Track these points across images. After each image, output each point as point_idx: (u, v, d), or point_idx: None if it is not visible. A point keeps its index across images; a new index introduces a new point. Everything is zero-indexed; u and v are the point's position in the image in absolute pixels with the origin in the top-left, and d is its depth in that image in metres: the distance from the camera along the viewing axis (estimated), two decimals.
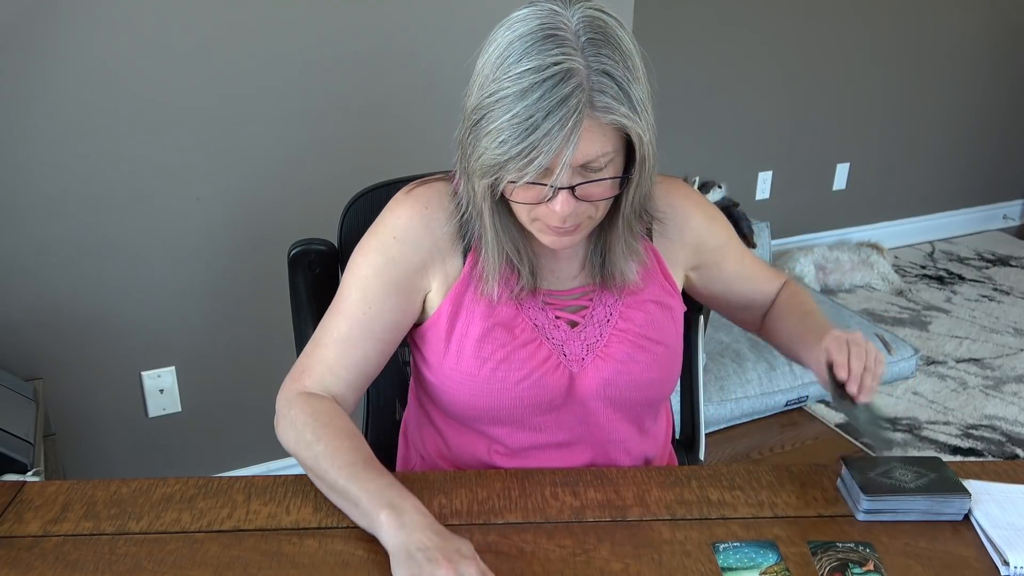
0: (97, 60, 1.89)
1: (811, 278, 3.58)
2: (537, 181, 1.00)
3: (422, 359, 1.20)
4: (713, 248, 1.28)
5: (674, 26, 3.32)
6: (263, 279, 2.16)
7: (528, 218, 1.08)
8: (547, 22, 0.98)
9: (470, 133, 1.02)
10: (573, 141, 0.96)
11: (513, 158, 0.97)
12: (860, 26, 3.68)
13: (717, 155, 3.58)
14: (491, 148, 0.99)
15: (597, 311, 1.18)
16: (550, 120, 0.95)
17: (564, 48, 0.96)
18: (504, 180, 1.01)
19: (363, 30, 2.12)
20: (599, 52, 0.97)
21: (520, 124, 0.96)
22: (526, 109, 0.95)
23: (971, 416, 2.82)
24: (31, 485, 1.12)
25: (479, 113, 1.00)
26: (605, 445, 1.21)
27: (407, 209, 1.15)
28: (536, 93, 0.95)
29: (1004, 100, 4.18)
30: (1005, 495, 1.10)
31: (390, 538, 0.95)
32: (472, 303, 1.15)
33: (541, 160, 0.97)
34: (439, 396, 1.19)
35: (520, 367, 1.14)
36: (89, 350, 2.09)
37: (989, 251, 4.17)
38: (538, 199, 1.03)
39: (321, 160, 2.18)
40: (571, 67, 0.95)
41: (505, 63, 0.97)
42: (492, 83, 0.98)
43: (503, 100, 0.97)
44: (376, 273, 1.14)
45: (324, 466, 1.03)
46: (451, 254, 1.15)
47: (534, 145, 0.96)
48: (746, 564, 0.99)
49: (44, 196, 1.94)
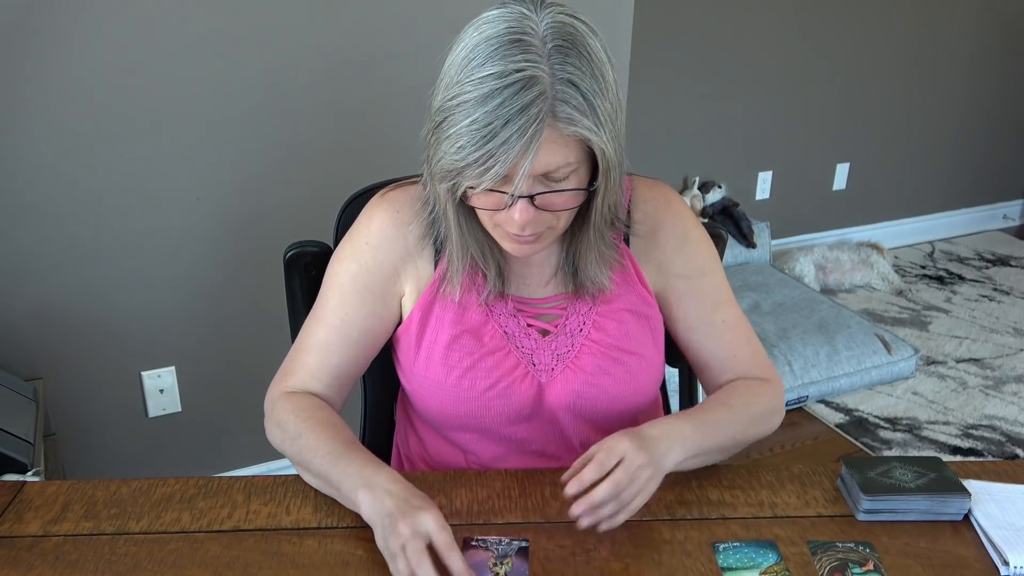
0: (99, 61, 1.89)
1: (811, 278, 3.58)
2: (496, 188, 0.97)
3: (398, 364, 1.20)
4: (677, 275, 1.17)
5: (674, 26, 3.32)
6: (263, 279, 2.16)
7: (490, 223, 1.06)
8: (515, 26, 0.95)
9: (432, 135, 0.99)
10: (532, 150, 0.93)
11: (470, 165, 0.95)
12: (860, 26, 3.68)
13: (717, 155, 3.58)
14: (449, 153, 0.96)
15: (570, 320, 1.15)
16: (509, 128, 0.92)
17: (529, 55, 0.93)
18: (462, 185, 0.99)
19: (359, 32, 2.12)
20: (565, 60, 0.94)
21: (479, 131, 0.93)
22: (486, 115, 0.93)
23: (971, 416, 2.82)
24: (31, 485, 1.12)
25: (441, 115, 0.97)
26: (576, 457, 1.19)
27: (379, 214, 1.15)
28: (497, 99, 0.92)
29: (1004, 100, 4.18)
30: (1005, 495, 1.09)
31: (368, 515, 0.97)
32: (442, 309, 1.14)
33: (498, 169, 0.94)
34: (414, 402, 1.19)
35: (486, 375, 1.12)
36: (89, 350, 2.09)
37: (989, 251, 4.17)
38: (498, 206, 1.00)
39: (318, 161, 2.18)
40: (534, 75, 0.92)
41: (469, 66, 0.95)
42: (455, 85, 0.96)
43: (464, 104, 0.94)
44: (351, 279, 1.14)
45: (308, 457, 1.06)
46: (422, 258, 1.15)
47: (491, 153, 0.93)
48: (746, 564, 0.99)
49: (44, 196, 1.94)
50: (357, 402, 1.41)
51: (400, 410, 1.32)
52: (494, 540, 1.00)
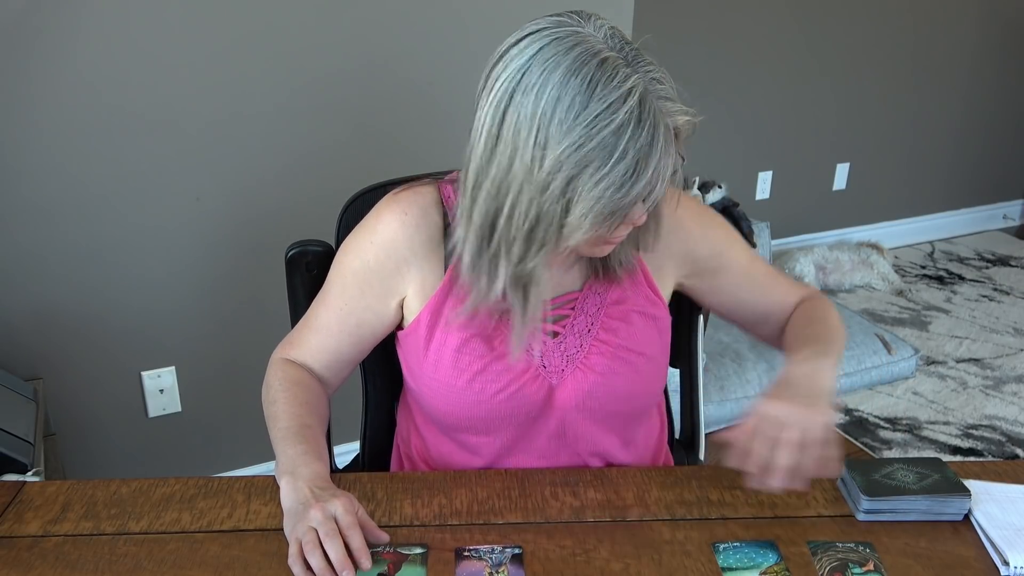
0: (100, 61, 1.89)
1: (811, 278, 3.58)
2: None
3: (404, 363, 1.21)
4: (707, 256, 1.23)
5: (674, 26, 3.32)
6: (264, 278, 2.16)
7: (592, 244, 1.05)
8: (584, 47, 0.94)
9: (561, 194, 0.96)
10: (675, 154, 0.97)
11: (639, 194, 0.96)
12: (860, 26, 3.68)
13: (717, 155, 3.58)
14: (607, 196, 0.95)
15: (578, 320, 1.16)
16: (655, 147, 0.94)
17: (621, 71, 0.94)
18: (616, 222, 0.99)
19: (361, 32, 2.12)
20: (640, 59, 0.96)
21: (632, 161, 0.94)
22: (628, 145, 0.93)
23: (971, 416, 2.82)
24: (31, 485, 1.12)
25: (572, 169, 0.94)
26: (584, 456, 1.20)
27: (387, 214, 1.15)
28: (631, 127, 0.93)
29: (1004, 100, 4.18)
30: (1005, 495, 1.09)
31: (283, 500, 1.01)
32: (451, 312, 1.14)
33: (662, 187, 0.97)
34: (420, 402, 1.20)
35: (497, 379, 1.13)
36: (89, 350, 2.09)
37: (989, 251, 4.16)
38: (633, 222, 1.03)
39: (319, 161, 2.18)
40: (637, 86, 0.94)
41: (573, 107, 0.93)
42: (571, 133, 0.93)
43: (600, 145, 0.93)
44: (352, 274, 1.17)
45: (270, 424, 1.12)
46: (429, 261, 1.14)
47: (655, 174, 0.96)
48: (746, 564, 0.99)
49: (45, 196, 1.94)
50: (358, 401, 1.42)
51: (402, 410, 1.32)
52: (486, 549, 1.00)
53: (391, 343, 1.23)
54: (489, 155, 0.99)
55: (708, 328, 1.75)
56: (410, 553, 0.99)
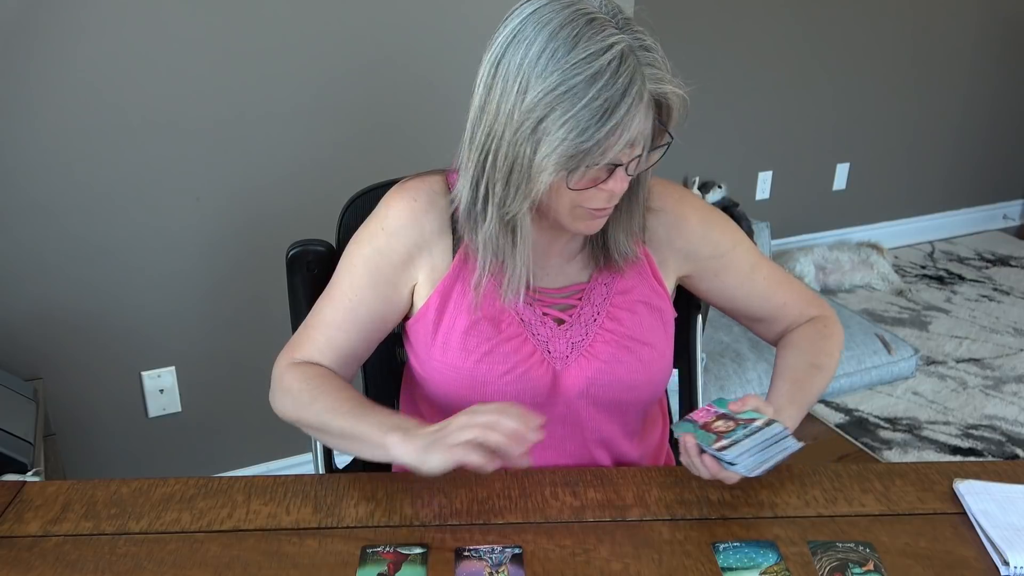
0: (102, 61, 1.89)
1: (811, 278, 3.58)
2: (614, 161, 1.02)
3: (412, 351, 1.22)
4: (708, 256, 1.24)
5: (674, 26, 3.32)
6: (263, 278, 2.16)
7: (569, 208, 1.07)
8: (578, 7, 0.99)
9: (531, 133, 1.00)
10: (650, 116, 1.00)
11: (599, 142, 0.98)
12: (860, 26, 3.68)
13: (717, 155, 3.58)
14: (570, 138, 0.98)
15: (585, 310, 1.18)
16: (627, 99, 0.97)
17: (608, 30, 0.98)
18: (580, 169, 1.01)
19: (362, 32, 2.12)
20: (633, 27, 1.00)
21: (599, 108, 0.97)
22: (599, 92, 0.97)
23: (971, 416, 2.82)
24: (31, 485, 1.12)
25: (543, 109, 0.99)
26: (588, 445, 1.21)
27: (397, 202, 1.17)
28: (605, 76, 0.97)
29: (1004, 100, 4.18)
30: (1005, 495, 1.09)
31: (404, 450, 1.02)
32: (460, 296, 1.16)
33: (627, 137, 0.99)
34: (427, 388, 1.21)
35: (504, 360, 1.15)
36: (89, 350, 2.09)
37: (989, 251, 4.16)
38: (595, 183, 1.04)
39: (320, 160, 2.18)
40: (624, 46, 0.98)
41: (555, 56, 0.98)
42: (549, 77, 0.98)
43: (572, 90, 0.97)
44: (364, 262, 1.17)
45: (327, 419, 1.11)
46: (439, 247, 1.17)
47: (617, 125, 0.98)
48: (746, 564, 0.99)
49: (45, 196, 1.94)
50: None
51: (404, 405, 1.32)
52: (486, 549, 1.00)
53: (391, 343, 1.23)
54: (482, 105, 1.04)
55: (708, 328, 1.76)
56: (410, 553, 0.99)
